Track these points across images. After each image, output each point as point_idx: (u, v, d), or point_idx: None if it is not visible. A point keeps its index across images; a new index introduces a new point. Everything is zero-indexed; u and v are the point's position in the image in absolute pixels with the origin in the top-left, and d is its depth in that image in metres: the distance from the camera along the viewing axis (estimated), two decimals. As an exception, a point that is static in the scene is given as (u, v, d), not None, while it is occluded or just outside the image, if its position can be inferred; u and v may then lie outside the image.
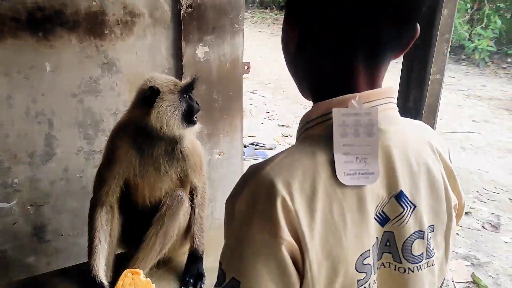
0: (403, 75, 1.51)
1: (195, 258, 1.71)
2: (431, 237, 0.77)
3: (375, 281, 0.73)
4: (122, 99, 2.08)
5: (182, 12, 2.08)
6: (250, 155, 4.53)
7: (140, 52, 2.08)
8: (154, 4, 2.05)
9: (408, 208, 0.73)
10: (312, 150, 0.70)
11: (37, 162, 2.01)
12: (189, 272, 1.70)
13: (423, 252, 0.75)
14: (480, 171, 4.60)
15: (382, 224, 0.72)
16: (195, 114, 1.56)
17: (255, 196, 0.67)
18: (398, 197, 0.72)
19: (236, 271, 0.67)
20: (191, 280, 1.68)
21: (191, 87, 1.58)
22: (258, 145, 4.93)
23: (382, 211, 0.72)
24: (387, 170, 0.72)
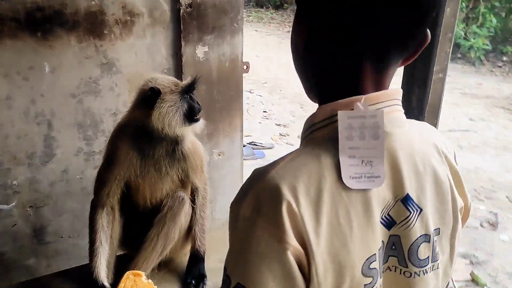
0: (406, 75, 1.51)
1: (196, 259, 1.70)
2: (436, 240, 0.76)
3: (381, 285, 0.72)
4: (122, 100, 2.07)
5: (181, 12, 2.07)
6: (248, 154, 4.51)
7: (140, 52, 2.07)
8: (154, 4, 2.04)
9: (414, 211, 0.72)
10: (317, 153, 0.70)
11: (36, 163, 2.00)
12: (190, 273, 1.69)
13: (429, 256, 0.75)
14: (477, 169, 4.62)
15: (388, 228, 0.72)
16: (197, 114, 1.55)
17: (260, 200, 0.66)
18: (405, 200, 0.72)
19: (241, 277, 0.66)
20: (193, 281, 1.68)
21: (192, 88, 1.57)
22: (256, 144, 4.92)
23: (388, 215, 0.71)
24: (393, 173, 0.71)
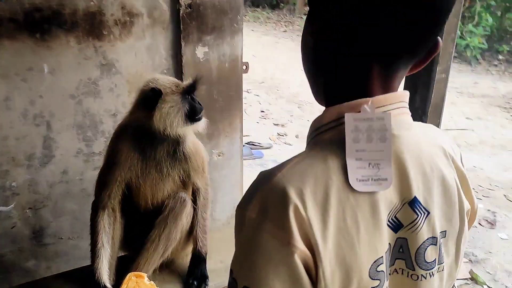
0: (409, 75, 1.51)
1: (198, 259, 1.70)
2: (442, 242, 0.76)
3: (387, 287, 0.72)
4: (121, 101, 2.06)
5: (181, 12, 2.06)
6: (246, 154, 4.51)
7: (139, 53, 2.06)
8: (153, 4, 2.03)
9: (421, 214, 0.72)
10: (324, 155, 0.69)
11: (35, 164, 1.99)
12: (192, 274, 1.69)
13: (435, 259, 0.75)
14: (475, 168, 4.64)
15: (395, 230, 0.71)
16: (198, 114, 1.55)
17: (266, 203, 0.66)
18: (412, 203, 0.71)
19: (248, 280, 0.66)
20: (195, 282, 1.67)
21: (193, 88, 1.56)
22: (255, 144, 4.91)
23: (395, 217, 0.71)
24: (400, 175, 0.71)
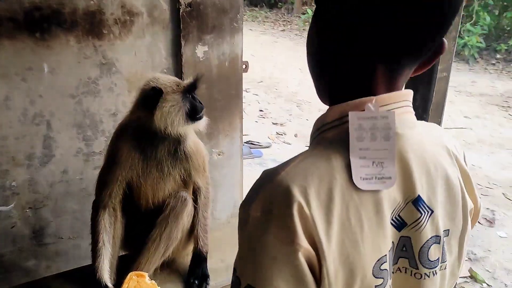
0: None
1: (199, 259, 1.70)
2: (445, 241, 0.76)
3: (390, 286, 0.72)
4: (121, 100, 2.06)
5: (181, 11, 2.05)
6: (245, 154, 4.51)
7: (139, 52, 2.05)
8: (153, 3, 2.03)
9: (425, 213, 0.72)
10: (328, 154, 0.69)
11: (35, 164, 1.98)
12: (193, 273, 1.69)
13: (439, 257, 0.75)
14: (473, 167, 4.64)
15: (398, 229, 0.71)
16: (199, 113, 1.55)
17: (270, 202, 0.66)
18: (416, 202, 0.71)
19: (251, 278, 0.66)
20: (196, 282, 1.67)
21: (194, 87, 1.56)
22: (254, 143, 4.91)
23: (399, 216, 0.71)
24: (404, 174, 0.71)
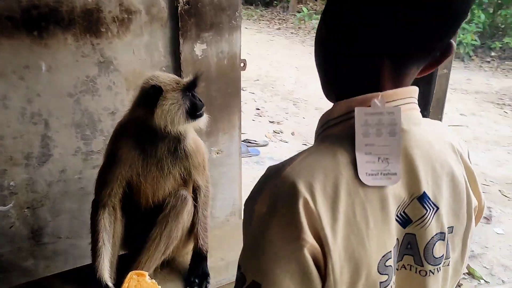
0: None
1: (199, 257, 1.70)
2: (449, 238, 0.76)
3: (394, 282, 0.72)
4: (120, 98, 2.05)
5: (179, 9, 2.04)
6: (243, 152, 4.46)
7: (137, 50, 2.04)
8: (151, 1, 2.01)
9: (430, 209, 0.72)
10: (333, 150, 0.69)
11: (33, 163, 1.97)
12: (194, 272, 1.69)
13: (443, 254, 0.75)
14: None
15: (403, 226, 0.71)
16: (199, 111, 1.54)
17: (276, 197, 0.66)
18: (421, 198, 0.71)
19: (256, 274, 0.65)
20: (197, 280, 1.67)
21: (194, 85, 1.55)
22: (251, 142, 4.90)
23: (404, 212, 0.71)
24: (409, 170, 0.71)
